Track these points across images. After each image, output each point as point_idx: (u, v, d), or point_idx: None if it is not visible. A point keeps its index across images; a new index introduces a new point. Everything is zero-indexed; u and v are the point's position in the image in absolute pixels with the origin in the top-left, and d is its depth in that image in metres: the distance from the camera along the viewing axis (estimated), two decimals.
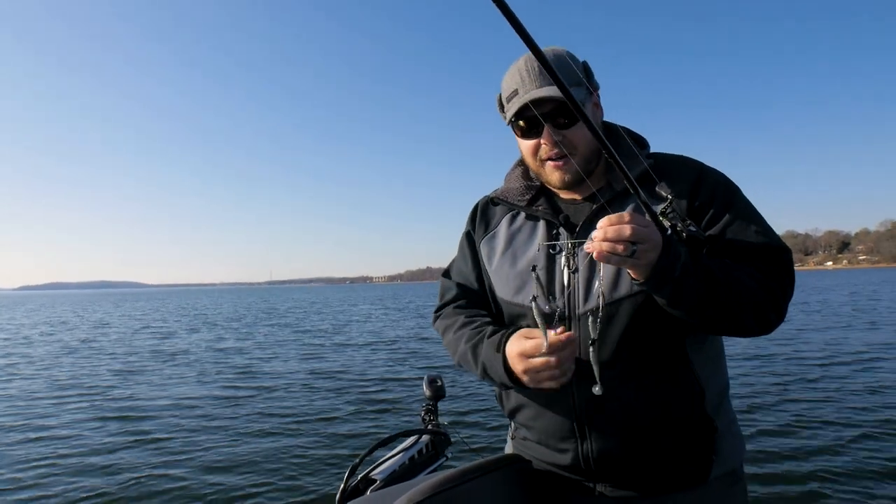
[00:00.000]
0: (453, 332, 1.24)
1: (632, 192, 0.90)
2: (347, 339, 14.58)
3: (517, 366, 1.02)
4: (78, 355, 12.27)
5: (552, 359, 0.96)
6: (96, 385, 8.42)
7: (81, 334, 17.98)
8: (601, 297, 0.99)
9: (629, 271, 0.93)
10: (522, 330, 1.06)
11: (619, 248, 0.84)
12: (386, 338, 14.38)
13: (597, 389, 0.93)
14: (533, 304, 0.99)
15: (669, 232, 0.91)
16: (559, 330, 0.98)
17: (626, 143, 1.07)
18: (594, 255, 0.87)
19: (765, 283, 1.00)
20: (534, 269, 1.10)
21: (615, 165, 0.88)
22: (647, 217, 0.90)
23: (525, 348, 1.00)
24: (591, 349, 0.95)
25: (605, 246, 0.85)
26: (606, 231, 0.85)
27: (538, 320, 0.98)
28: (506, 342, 1.06)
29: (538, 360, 0.98)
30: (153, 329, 19.49)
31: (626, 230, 0.84)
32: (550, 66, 0.84)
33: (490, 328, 1.15)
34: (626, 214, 0.85)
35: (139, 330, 19.28)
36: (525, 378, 1.01)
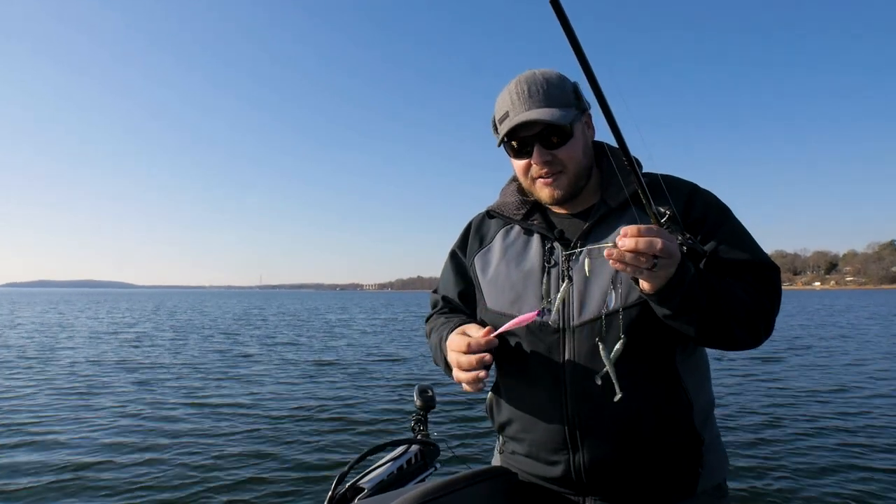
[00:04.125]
0: (436, 331, 1.27)
1: (639, 201, 0.92)
2: (338, 346, 14.49)
3: (450, 359, 1.09)
4: (13, 366, 10.16)
5: (465, 358, 1.03)
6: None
7: (36, 338, 15.83)
8: (618, 301, 1.02)
9: (640, 283, 0.93)
10: (462, 326, 1.12)
11: (643, 259, 0.84)
12: (377, 347, 14.31)
13: (617, 398, 0.94)
14: (544, 316, 1.04)
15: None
16: (485, 331, 1.04)
17: (619, 161, 1.09)
18: (613, 263, 0.86)
19: (756, 299, 1.03)
20: (546, 271, 1.13)
21: (632, 173, 0.91)
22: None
23: (452, 342, 1.08)
24: (613, 351, 0.96)
25: (629, 257, 0.84)
26: (638, 241, 0.84)
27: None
28: (448, 335, 1.13)
29: (457, 357, 1.05)
30: (121, 335, 17.19)
31: (658, 244, 0.84)
32: (595, 80, 0.86)
33: (458, 319, 1.21)
34: (654, 227, 0.87)
35: (105, 334, 17.32)
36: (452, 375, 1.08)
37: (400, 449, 1.75)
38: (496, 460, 1.32)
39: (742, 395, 7.39)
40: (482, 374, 1.02)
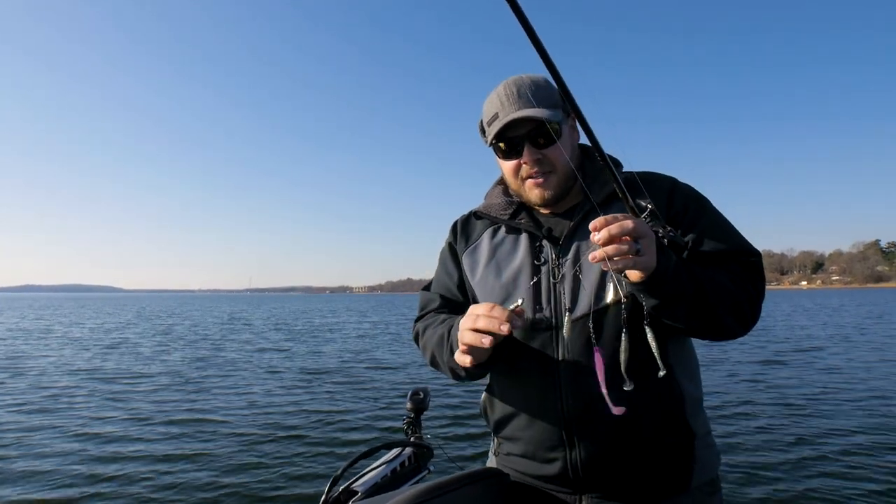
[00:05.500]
0: (433, 327, 1.24)
1: (617, 197, 0.94)
2: (329, 351, 14.44)
3: (464, 323, 1.00)
4: None
5: (482, 311, 0.96)
6: None
7: (9, 345, 15.42)
8: (620, 290, 1.00)
9: (629, 273, 0.92)
10: None
11: (624, 247, 0.84)
12: (368, 351, 14.27)
13: (627, 385, 0.92)
14: (521, 302, 1.01)
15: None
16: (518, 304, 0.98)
17: (606, 156, 1.12)
18: (602, 264, 0.85)
19: (741, 285, 1.05)
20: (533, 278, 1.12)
21: (606, 168, 0.92)
22: None
23: (474, 307, 1.00)
24: (649, 331, 0.93)
25: (611, 249, 0.84)
26: (610, 229, 0.83)
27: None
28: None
29: (473, 321, 0.97)
30: (99, 342, 16.43)
31: (629, 224, 0.84)
32: (559, 77, 0.88)
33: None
34: (619, 214, 0.86)
35: (82, 341, 16.71)
36: (465, 339, 0.99)
37: (393, 451, 1.75)
38: (491, 462, 1.32)
39: (739, 393, 7.45)
40: (486, 340, 0.95)
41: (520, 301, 0.98)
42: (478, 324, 0.97)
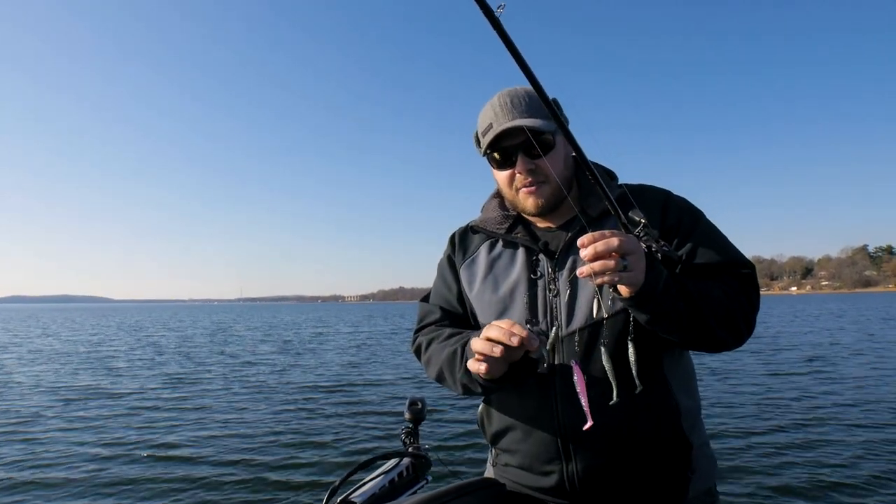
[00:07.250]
0: (439, 341, 1.24)
1: (612, 212, 0.95)
2: (324, 362, 14.31)
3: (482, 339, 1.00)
4: None
5: (503, 325, 0.96)
6: None
7: None
8: (602, 307, 1.01)
9: (619, 289, 0.94)
10: None
11: (611, 263, 0.86)
12: (363, 362, 14.14)
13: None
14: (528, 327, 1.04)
15: (647, 251, 0.95)
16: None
17: (595, 172, 1.14)
18: (591, 278, 0.87)
19: (734, 297, 1.06)
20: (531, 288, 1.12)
21: (596, 184, 0.93)
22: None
23: (497, 321, 1.00)
24: (631, 347, 0.97)
25: (598, 265, 0.86)
26: (596, 247, 0.85)
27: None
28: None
29: (490, 333, 0.97)
30: (74, 355, 15.59)
31: (615, 241, 0.86)
32: (541, 89, 0.90)
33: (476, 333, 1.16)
34: (606, 231, 0.88)
35: (56, 354, 15.95)
36: (476, 346, 1.00)
37: (391, 462, 1.75)
38: (489, 473, 1.32)
39: (739, 401, 7.42)
40: (497, 350, 0.95)
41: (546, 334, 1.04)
42: (490, 333, 0.98)
